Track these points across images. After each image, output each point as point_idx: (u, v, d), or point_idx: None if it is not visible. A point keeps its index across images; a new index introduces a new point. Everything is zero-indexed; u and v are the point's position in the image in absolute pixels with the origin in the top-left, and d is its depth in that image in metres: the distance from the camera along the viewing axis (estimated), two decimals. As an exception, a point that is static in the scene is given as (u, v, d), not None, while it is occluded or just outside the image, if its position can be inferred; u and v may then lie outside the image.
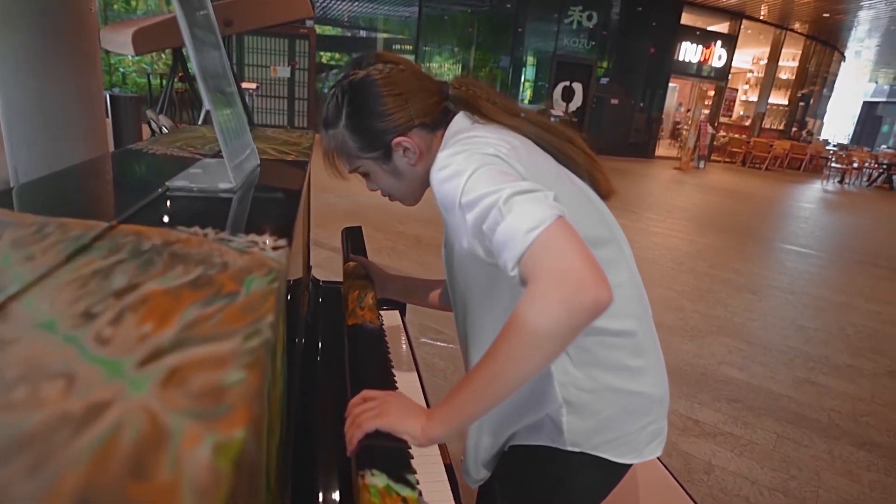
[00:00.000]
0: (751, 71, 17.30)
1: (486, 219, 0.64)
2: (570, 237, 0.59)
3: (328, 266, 3.49)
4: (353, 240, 1.44)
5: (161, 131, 3.81)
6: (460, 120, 0.88)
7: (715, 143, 13.43)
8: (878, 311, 4.16)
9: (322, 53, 12.11)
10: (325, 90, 12.83)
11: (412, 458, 0.72)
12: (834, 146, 16.40)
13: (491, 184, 0.65)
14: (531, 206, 0.61)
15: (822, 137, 18.41)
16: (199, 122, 4.06)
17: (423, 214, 5.55)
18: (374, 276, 1.23)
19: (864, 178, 13.82)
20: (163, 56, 11.00)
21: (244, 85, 7.91)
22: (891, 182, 13.24)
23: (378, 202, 6.72)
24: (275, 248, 0.65)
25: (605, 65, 12.76)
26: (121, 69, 11.18)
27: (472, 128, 0.84)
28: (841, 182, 13.20)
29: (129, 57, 11.04)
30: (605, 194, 0.91)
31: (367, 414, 0.72)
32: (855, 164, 13.48)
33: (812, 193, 11.22)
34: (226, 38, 5.33)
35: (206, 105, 0.80)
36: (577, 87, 12.00)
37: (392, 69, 0.86)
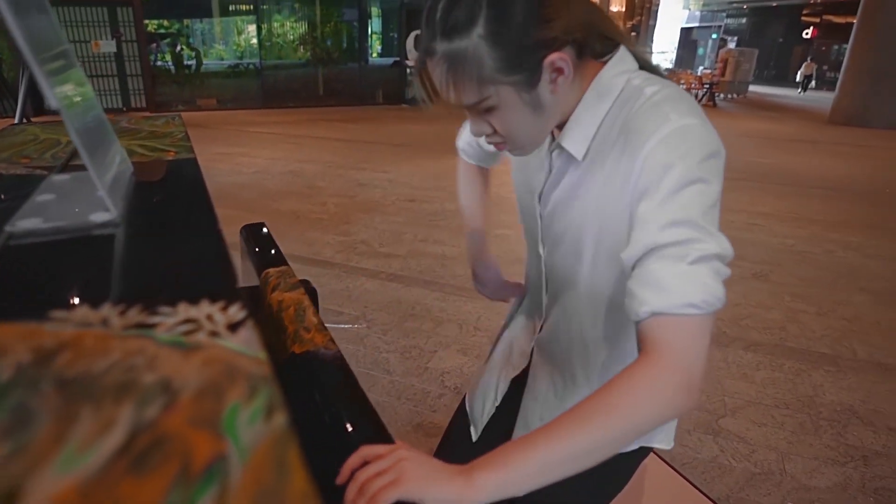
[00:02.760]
0: (585, 6, 18.15)
1: (673, 241, 0.60)
2: (708, 336, 0.58)
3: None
4: (257, 240, 1.07)
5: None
6: (625, 60, 0.71)
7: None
8: (731, 220, 4.60)
9: (150, 21, 10.75)
10: (159, 62, 11.46)
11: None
12: (664, 71, 17.87)
13: (699, 219, 0.61)
14: (712, 282, 0.59)
15: (652, 64, 19.96)
16: (17, 117, 3.31)
17: (294, 187, 5.20)
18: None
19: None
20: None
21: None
22: (713, 99, 14.79)
23: (243, 180, 6.07)
24: (232, 328, 0.43)
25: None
26: None
27: (654, 86, 0.69)
28: (675, 104, 14.45)
29: None
30: None
31: (380, 481, 0.51)
32: (683, 86, 14.79)
33: (653, 117, 12.18)
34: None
35: (49, 98, 0.53)
36: (428, 34, 11.80)
37: None
